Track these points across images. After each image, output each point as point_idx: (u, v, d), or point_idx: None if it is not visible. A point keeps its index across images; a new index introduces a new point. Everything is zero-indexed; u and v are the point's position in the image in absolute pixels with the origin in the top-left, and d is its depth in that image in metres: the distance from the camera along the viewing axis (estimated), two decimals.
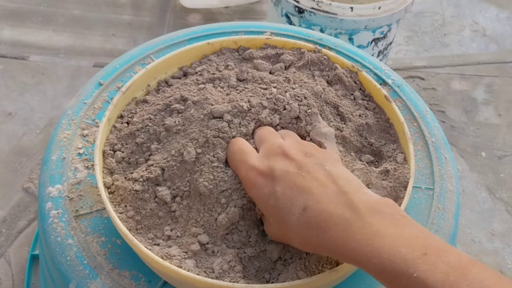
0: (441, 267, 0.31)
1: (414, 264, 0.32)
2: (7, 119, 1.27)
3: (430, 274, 0.31)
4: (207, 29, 0.68)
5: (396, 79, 0.63)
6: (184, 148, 0.45)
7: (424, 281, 0.31)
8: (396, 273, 0.32)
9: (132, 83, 0.52)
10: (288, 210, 0.38)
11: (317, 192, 0.38)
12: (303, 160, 0.40)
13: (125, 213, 0.45)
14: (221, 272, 0.41)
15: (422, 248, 0.33)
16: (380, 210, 0.36)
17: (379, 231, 0.34)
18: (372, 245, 0.34)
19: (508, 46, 1.64)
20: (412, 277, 0.31)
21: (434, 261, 0.32)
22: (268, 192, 0.39)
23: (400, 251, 0.33)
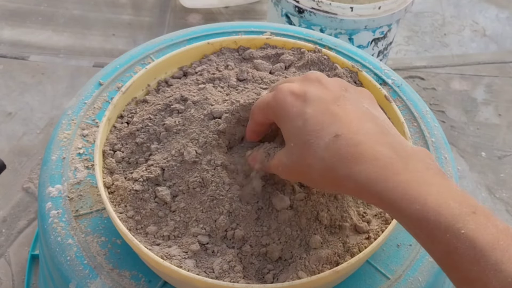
0: (491, 229, 0.29)
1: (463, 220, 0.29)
2: (7, 119, 1.27)
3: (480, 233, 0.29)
4: (207, 29, 0.68)
5: (396, 79, 0.63)
6: (184, 148, 0.45)
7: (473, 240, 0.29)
8: (440, 225, 0.30)
9: (132, 83, 0.52)
10: (317, 134, 0.34)
11: (354, 124, 0.34)
12: (339, 92, 0.36)
13: (125, 213, 0.45)
14: (221, 272, 0.41)
15: (470, 206, 0.30)
16: (422, 159, 0.33)
17: (425, 179, 0.32)
18: (418, 189, 0.31)
19: (508, 46, 1.64)
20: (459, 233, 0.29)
21: (484, 222, 0.29)
22: (297, 112, 0.35)
23: (448, 203, 0.30)
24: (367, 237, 0.44)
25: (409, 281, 0.46)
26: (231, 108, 0.46)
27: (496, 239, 0.29)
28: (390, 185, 0.32)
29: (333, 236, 0.44)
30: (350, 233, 0.44)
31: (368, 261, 0.47)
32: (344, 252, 0.43)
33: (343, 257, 0.43)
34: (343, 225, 0.45)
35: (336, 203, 0.45)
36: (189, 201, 0.45)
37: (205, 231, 0.43)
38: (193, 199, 0.44)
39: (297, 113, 0.35)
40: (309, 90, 0.36)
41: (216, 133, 0.45)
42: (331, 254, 0.43)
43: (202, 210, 0.44)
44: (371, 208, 0.47)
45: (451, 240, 0.29)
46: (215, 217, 0.43)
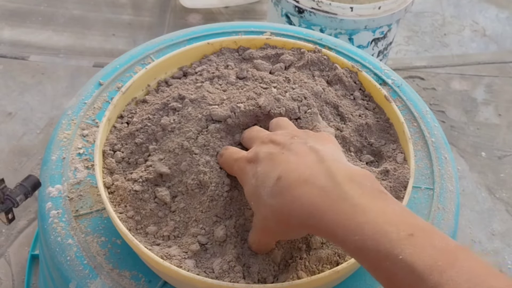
0: (429, 250, 0.29)
1: (400, 245, 0.29)
2: (7, 119, 1.27)
3: (417, 257, 0.29)
4: (207, 29, 0.68)
5: (396, 79, 0.63)
6: (180, 148, 0.46)
7: (411, 264, 0.29)
8: (379, 253, 0.30)
9: (132, 83, 0.52)
10: (263, 184, 0.36)
11: (294, 162, 0.36)
12: (288, 141, 0.39)
13: (125, 213, 0.45)
14: (221, 272, 0.41)
15: (408, 227, 0.30)
16: (359, 182, 0.34)
17: (361, 205, 0.32)
18: (355, 219, 0.31)
19: (508, 46, 1.64)
20: (397, 259, 0.29)
21: (421, 244, 0.30)
22: (252, 174, 0.38)
23: (385, 229, 0.30)
24: None
25: None
26: (232, 114, 0.46)
27: (434, 260, 0.29)
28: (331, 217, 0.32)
29: None
30: None
31: None
32: (344, 252, 0.43)
33: (343, 257, 0.43)
34: None
35: None
36: (188, 201, 0.45)
37: (205, 231, 0.43)
38: (192, 200, 0.44)
39: (252, 175, 0.38)
40: (260, 151, 0.39)
41: (218, 138, 0.46)
42: (331, 254, 0.43)
43: (202, 210, 0.44)
44: None
45: (390, 267, 0.29)
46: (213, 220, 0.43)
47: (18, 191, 0.39)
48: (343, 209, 0.32)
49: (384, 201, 0.33)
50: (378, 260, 0.30)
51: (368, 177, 0.35)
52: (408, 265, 0.29)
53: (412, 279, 0.29)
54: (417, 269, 0.29)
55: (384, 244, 0.30)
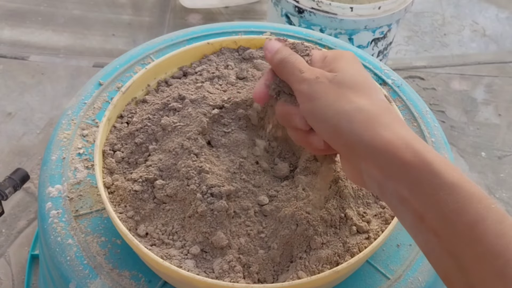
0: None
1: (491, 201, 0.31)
2: (7, 119, 1.27)
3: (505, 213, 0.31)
4: (207, 29, 0.68)
5: (396, 79, 0.63)
6: (180, 148, 0.45)
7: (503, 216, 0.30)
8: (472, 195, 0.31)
9: (132, 83, 0.52)
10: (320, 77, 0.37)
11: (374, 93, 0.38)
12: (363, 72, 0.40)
13: (125, 213, 0.45)
14: (221, 272, 0.41)
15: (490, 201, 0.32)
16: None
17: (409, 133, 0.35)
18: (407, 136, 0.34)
19: (508, 46, 1.64)
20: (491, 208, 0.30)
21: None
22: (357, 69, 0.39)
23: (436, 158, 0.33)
24: (367, 237, 0.44)
25: (409, 281, 0.46)
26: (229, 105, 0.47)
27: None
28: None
29: (333, 236, 0.44)
30: (350, 233, 0.44)
31: (368, 261, 0.47)
32: (344, 252, 0.43)
33: (343, 257, 0.43)
34: (343, 225, 0.45)
35: (335, 203, 0.45)
36: (187, 203, 0.45)
37: (203, 237, 0.43)
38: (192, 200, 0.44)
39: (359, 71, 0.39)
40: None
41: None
42: (331, 254, 0.43)
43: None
44: (371, 208, 0.47)
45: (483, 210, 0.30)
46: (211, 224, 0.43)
47: (7, 184, 0.39)
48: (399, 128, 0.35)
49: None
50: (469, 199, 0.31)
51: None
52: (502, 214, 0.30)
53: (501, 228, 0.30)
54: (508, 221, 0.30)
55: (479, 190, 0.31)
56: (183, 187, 0.44)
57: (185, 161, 0.45)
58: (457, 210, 0.31)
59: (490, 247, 0.29)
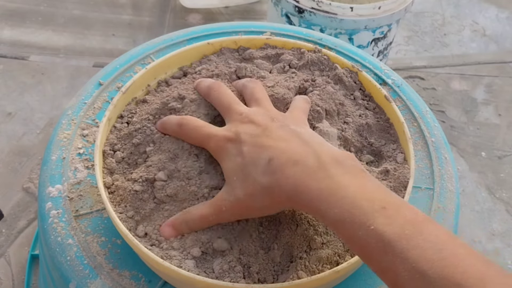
0: (398, 221, 0.32)
1: (373, 216, 0.33)
2: (7, 119, 1.27)
3: (387, 227, 0.32)
4: (207, 29, 0.68)
5: (396, 79, 0.63)
6: (180, 148, 0.46)
7: (381, 234, 0.32)
8: (354, 225, 0.33)
9: (132, 83, 0.52)
10: (254, 163, 0.39)
11: (282, 146, 0.39)
12: (269, 124, 0.42)
13: (125, 213, 0.45)
14: (221, 272, 0.41)
15: (381, 202, 0.34)
16: (342, 162, 0.37)
17: (342, 183, 0.35)
18: (335, 195, 0.35)
19: (508, 46, 1.64)
20: (369, 230, 0.32)
21: (392, 215, 0.33)
22: (236, 152, 0.41)
23: (361, 203, 0.34)
24: None
25: None
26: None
27: (402, 229, 0.32)
28: (316, 193, 0.36)
29: (333, 236, 0.44)
30: None
31: None
32: (344, 252, 0.43)
33: (343, 257, 0.43)
34: None
35: None
36: (186, 204, 0.45)
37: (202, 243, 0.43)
38: (192, 202, 0.44)
39: (236, 153, 0.41)
40: (242, 132, 0.42)
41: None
42: (331, 254, 0.43)
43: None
44: None
45: (363, 236, 0.33)
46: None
47: None
48: (327, 186, 0.35)
49: (363, 178, 0.36)
50: (353, 231, 0.33)
51: (350, 157, 0.38)
52: (379, 234, 0.32)
53: (381, 247, 0.32)
54: (386, 237, 0.32)
55: (359, 216, 0.33)
56: (183, 188, 0.44)
57: (186, 161, 0.45)
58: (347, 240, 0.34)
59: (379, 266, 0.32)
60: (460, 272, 0.29)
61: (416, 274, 0.30)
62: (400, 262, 0.31)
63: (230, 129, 0.43)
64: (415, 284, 0.30)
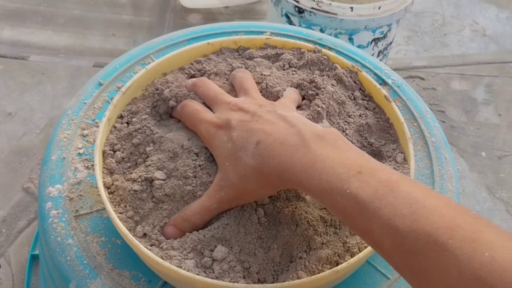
0: (372, 183, 0.34)
1: (348, 181, 0.34)
2: (7, 119, 1.27)
3: (361, 190, 0.34)
4: (207, 29, 0.68)
5: (396, 79, 0.63)
6: (180, 147, 0.46)
7: (356, 196, 0.33)
8: (332, 191, 0.35)
9: (132, 83, 0.52)
10: (243, 147, 0.41)
11: (268, 129, 0.41)
12: (257, 110, 0.44)
13: (125, 213, 0.45)
14: (221, 272, 0.41)
15: (357, 167, 0.35)
16: (323, 137, 0.39)
17: (321, 155, 0.37)
18: (314, 167, 0.36)
19: (508, 46, 1.64)
20: (345, 194, 0.34)
21: (366, 179, 0.34)
22: (226, 138, 0.43)
23: (337, 171, 0.35)
24: None
25: None
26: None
27: (375, 190, 0.33)
28: (298, 168, 0.37)
29: (333, 236, 0.44)
30: (350, 233, 0.44)
31: (368, 261, 0.47)
32: (344, 252, 0.43)
33: (343, 257, 0.43)
34: (343, 225, 0.45)
35: None
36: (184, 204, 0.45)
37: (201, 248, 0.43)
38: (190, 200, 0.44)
39: (227, 139, 0.43)
40: (232, 118, 0.43)
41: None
42: (331, 254, 0.43)
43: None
44: None
45: (341, 201, 0.34)
46: None
47: None
48: (307, 160, 0.37)
49: (342, 149, 0.38)
50: (332, 197, 0.35)
51: (331, 132, 0.40)
52: (354, 196, 0.34)
53: (357, 208, 0.33)
54: (361, 199, 0.33)
55: (336, 184, 0.35)
56: (180, 187, 0.44)
57: (185, 160, 0.45)
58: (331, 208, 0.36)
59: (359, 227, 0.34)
60: (430, 223, 0.30)
61: (389, 230, 0.32)
62: (375, 221, 0.32)
63: (221, 117, 0.44)
64: (391, 240, 0.32)
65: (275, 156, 0.39)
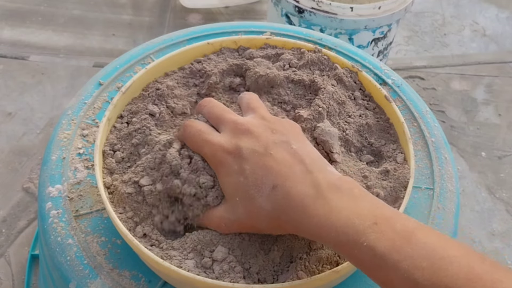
0: (389, 234, 0.33)
1: (365, 233, 0.34)
2: (7, 119, 1.27)
3: (378, 242, 0.33)
4: (207, 29, 0.68)
5: (396, 79, 0.63)
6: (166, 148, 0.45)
7: (373, 249, 0.33)
8: (349, 243, 0.34)
9: (132, 83, 0.52)
10: (258, 188, 0.39)
11: (285, 172, 0.39)
12: (270, 138, 0.41)
13: (125, 213, 0.45)
14: (221, 272, 0.41)
15: (373, 218, 0.35)
16: (339, 187, 0.38)
17: (337, 206, 0.36)
18: (331, 219, 0.36)
19: (508, 46, 1.64)
20: (363, 246, 0.34)
21: (383, 229, 0.34)
22: (238, 169, 0.40)
23: (353, 223, 0.35)
24: None
25: None
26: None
27: (393, 241, 0.33)
28: (315, 220, 0.37)
29: None
30: None
31: None
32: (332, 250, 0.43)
33: (343, 257, 0.43)
34: None
35: None
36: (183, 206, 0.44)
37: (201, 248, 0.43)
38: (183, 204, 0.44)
39: (238, 171, 0.40)
40: (242, 145, 0.41)
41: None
42: (331, 254, 0.43)
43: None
44: None
45: (358, 254, 0.34)
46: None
47: None
48: (325, 212, 0.36)
49: (357, 199, 0.37)
50: (350, 249, 0.35)
51: (347, 182, 0.39)
52: (371, 249, 0.33)
53: (375, 261, 0.33)
54: (378, 252, 0.33)
55: (353, 235, 0.34)
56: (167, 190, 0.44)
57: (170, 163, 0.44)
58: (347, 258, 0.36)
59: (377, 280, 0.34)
60: (449, 275, 0.30)
61: (409, 283, 0.31)
62: (394, 274, 0.32)
63: (230, 140, 0.42)
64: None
65: (292, 206, 0.38)
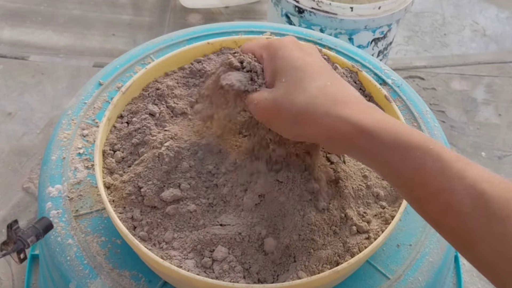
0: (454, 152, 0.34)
1: (430, 141, 0.35)
2: (7, 119, 1.27)
3: (445, 151, 0.34)
4: (207, 29, 0.68)
5: (396, 79, 0.63)
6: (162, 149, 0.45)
7: (440, 154, 0.34)
8: (411, 145, 0.35)
9: (132, 83, 0.52)
10: (312, 78, 0.39)
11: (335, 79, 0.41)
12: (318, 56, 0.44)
13: (125, 214, 0.45)
14: (221, 272, 0.41)
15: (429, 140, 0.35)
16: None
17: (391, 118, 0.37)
18: (389, 123, 0.36)
19: (508, 46, 1.63)
20: (428, 149, 0.34)
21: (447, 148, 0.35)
22: (298, 56, 0.41)
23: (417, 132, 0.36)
24: (367, 237, 0.44)
25: (409, 281, 0.46)
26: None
27: (458, 156, 0.34)
28: (368, 119, 0.37)
29: (333, 236, 0.44)
30: (350, 233, 0.44)
31: (368, 261, 0.47)
32: (344, 252, 0.43)
33: (343, 257, 0.43)
34: (343, 225, 0.45)
35: (336, 204, 0.45)
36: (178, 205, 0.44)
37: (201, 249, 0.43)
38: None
39: (299, 57, 0.41)
40: (303, 47, 0.43)
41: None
42: (331, 254, 0.43)
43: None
44: (371, 208, 0.47)
45: (420, 155, 0.34)
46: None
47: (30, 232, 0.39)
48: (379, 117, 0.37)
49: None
50: (411, 151, 0.34)
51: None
52: (437, 153, 0.34)
53: (439, 165, 0.33)
54: (445, 158, 0.33)
55: (417, 138, 0.35)
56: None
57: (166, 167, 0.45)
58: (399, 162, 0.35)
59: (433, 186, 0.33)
60: None
61: (474, 192, 0.31)
62: (458, 181, 0.32)
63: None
64: (473, 203, 0.31)
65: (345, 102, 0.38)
